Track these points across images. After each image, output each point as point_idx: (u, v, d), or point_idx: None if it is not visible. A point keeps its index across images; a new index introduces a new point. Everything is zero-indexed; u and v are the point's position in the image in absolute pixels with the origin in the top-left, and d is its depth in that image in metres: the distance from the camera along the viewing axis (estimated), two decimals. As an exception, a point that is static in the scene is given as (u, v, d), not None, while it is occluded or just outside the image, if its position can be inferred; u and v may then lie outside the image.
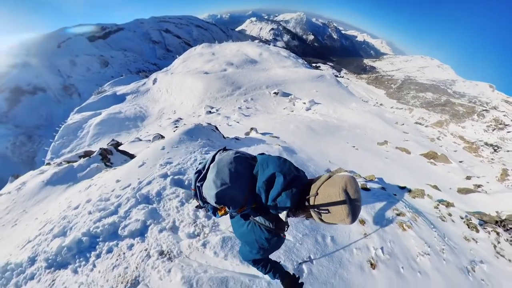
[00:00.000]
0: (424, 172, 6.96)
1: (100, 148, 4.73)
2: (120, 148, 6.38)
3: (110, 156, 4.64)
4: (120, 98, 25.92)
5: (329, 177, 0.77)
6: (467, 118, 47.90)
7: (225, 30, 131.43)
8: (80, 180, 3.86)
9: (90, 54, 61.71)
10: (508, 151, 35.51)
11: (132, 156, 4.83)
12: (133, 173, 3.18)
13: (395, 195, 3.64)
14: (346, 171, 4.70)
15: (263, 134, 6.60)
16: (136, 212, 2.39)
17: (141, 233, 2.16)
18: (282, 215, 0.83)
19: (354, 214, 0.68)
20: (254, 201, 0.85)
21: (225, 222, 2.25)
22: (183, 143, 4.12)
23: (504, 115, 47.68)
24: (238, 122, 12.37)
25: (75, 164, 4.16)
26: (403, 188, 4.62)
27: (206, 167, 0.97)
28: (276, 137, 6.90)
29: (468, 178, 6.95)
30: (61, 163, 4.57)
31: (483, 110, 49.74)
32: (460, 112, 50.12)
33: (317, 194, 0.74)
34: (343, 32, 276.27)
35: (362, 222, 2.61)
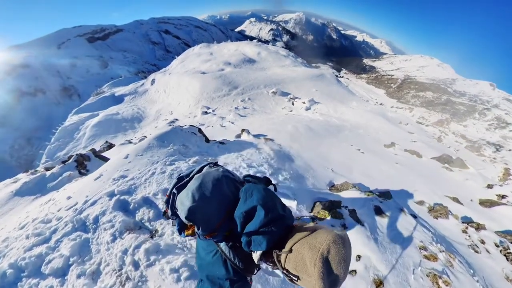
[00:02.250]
0: (440, 179, 6.22)
1: (76, 154, 4.45)
2: (110, 151, 6.15)
3: (87, 163, 4.34)
4: (119, 99, 25.77)
5: (314, 230, 0.63)
6: (468, 117, 47.54)
7: (224, 30, 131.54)
8: (49, 191, 3.58)
9: (90, 55, 61.77)
10: (510, 150, 35.14)
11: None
12: (86, 188, 2.86)
13: (415, 217, 3.14)
14: (352, 184, 4.03)
15: (256, 136, 6.16)
16: (66, 243, 2.09)
17: (63, 273, 1.86)
18: (255, 255, 0.70)
19: None
20: (229, 229, 0.76)
21: (154, 280, 1.78)
22: (149, 151, 3.66)
23: (506, 114, 47.30)
24: (232, 123, 12.10)
25: (48, 173, 3.88)
26: (421, 203, 4.03)
27: (190, 176, 0.90)
28: (270, 139, 6.43)
29: (490, 186, 6.15)
30: (36, 171, 4.32)
31: (484, 109, 49.38)
32: (461, 111, 49.76)
33: (290, 251, 0.61)
34: (342, 32, 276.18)
35: (379, 283, 1.93)
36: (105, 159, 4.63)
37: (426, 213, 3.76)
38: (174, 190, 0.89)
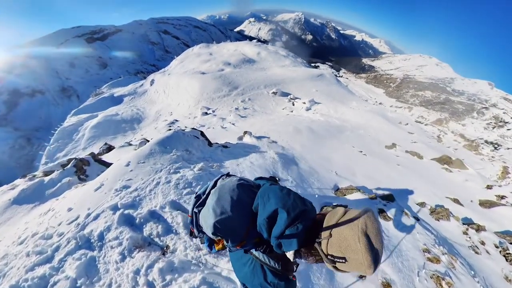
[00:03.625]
0: (440, 181, 6.26)
1: (75, 159, 4.34)
2: (110, 154, 6.13)
3: (87, 168, 4.23)
4: (118, 100, 25.69)
5: (345, 212, 0.65)
6: (467, 116, 47.74)
7: (223, 30, 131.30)
8: (48, 198, 3.45)
9: (89, 55, 61.51)
10: (508, 148, 35.33)
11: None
12: (87, 199, 2.72)
13: (417, 219, 3.19)
14: (356, 188, 4.05)
15: (259, 138, 6.15)
16: (71, 263, 1.95)
17: None
18: (289, 254, 0.71)
19: (376, 263, 0.56)
20: (257, 235, 0.76)
21: None
22: (152, 158, 3.48)
23: (504, 113, 47.52)
24: (233, 124, 12.09)
25: (46, 179, 3.76)
26: (423, 205, 4.07)
27: (206, 192, 0.91)
28: (273, 141, 6.40)
29: (489, 187, 6.19)
30: (34, 176, 4.25)
31: (483, 108, 49.60)
32: (460, 110, 49.97)
33: (330, 236, 0.63)
34: (341, 31, 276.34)
35: (387, 286, 1.98)
36: (105, 164, 4.59)
37: (428, 215, 3.80)
38: (195, 210, 0.91)
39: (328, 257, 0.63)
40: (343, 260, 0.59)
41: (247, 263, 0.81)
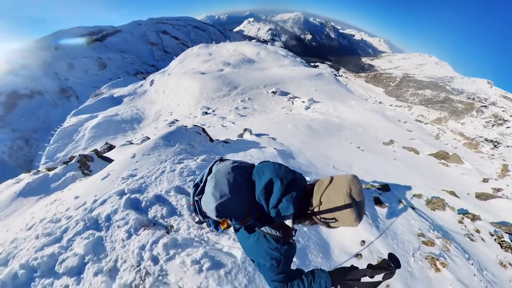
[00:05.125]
0: (437, 175, 6.46)
1: (79, 155, 4.42)
2: (111, 152, 6.15)
3: (90, 163, 4.32)
4: (117, 100, 25.67)
5: (331, 180, 0.74)
6: (466, 114, 47.82)
7: (222, 30, 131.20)
8: (53, 191, 3.55)
9: (88, 56, 61.42)
10: (508, 146, 35.40)
11: (112, 163, 4.53)
12: (94, 187, 2.84)
13: (413, 209, 3.25)
14: None
15: (258, 135, 6.21)
16: (79, 241, 2.06)
17: (78, 271, 1.84)
18: (288, 221, 0.81)
19: (360, 216, 0.69)
20: (257, 211, 0.82)
21: (175, 273, 1.83)
22: (156, 150, 3.65)
23: (503, 111, 47.62)
24: (233, 123, 12.12)
25: (51, 173, 3.85)
26: (419, 196, 4.17)
27: (203, 180, 0.95)
28: (272, 138, 6.49)
29: (485, 180, 6.36)
30: (38, 171, 4.30)
31: (482, 106, 49.70)
32: (459, 108, 50.05)
33: (320, 203, 0.72)
34: (340, 31, 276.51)
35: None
36: (109, 160, 4.64)
37: (424, 205, 3.89)
38: (196, 198, 0.95)
39: (321, 220, 0.73)
40: (334, 220, 0.70)
41: (250, 236, 0.88)
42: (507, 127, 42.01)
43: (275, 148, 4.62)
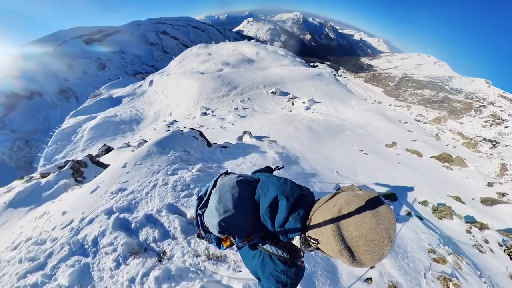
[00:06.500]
0: (441, 178, 6.25)
1: (72, 161, 4.28)
2: (109, 155, 6.10)
3: (84, 169, 4.17)
4: (116, 101, 25.59)
5: (334, 195, 0.65)
6: (465, 114, 47.97)
7: (222, 31, 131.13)
8: (44, 201, 3.39)
9: (87, 57, 61.26)
10: (506, 145, 35.53)
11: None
12: (82, 202, 2.66)
13: (421, 219, 3.14)
14: (358, 187, 3.99)
15: (258, 137, 6.06)
16: (64, 270, 1.88)
17: None
18: (296, 241, 0.73)
19: (351, 252, 0.49)
20: (262, 228, 0.77)
21: None
22: (149, 159, 3.39)
23: (501, 110, 47.80)
24: (232, 124, 12.06)
25: (43, 181, 3.72)
26: (425, 204, 4.02)
27: (207, 193, 0.92)
28: (273, 141, 6.35)
29: (490, 185, 6.18)
30: (31, 178, 4.20)
31: (480, 106, 49.85)
32: (458, 108, 50.20)
33: (310, 220, 0.66)
34: (340, 31, 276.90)
35: None
36: (103, 166, 4.54)
37: (430, 214, 3.78)
38: (199, 211, 0.92)
39: (307, 238, 0.65)
40: (316, 242, 0.60)
41: (255, 256, 0.83)
42: (505, 127, 42.16)
43: (276, 153, 4.47)
